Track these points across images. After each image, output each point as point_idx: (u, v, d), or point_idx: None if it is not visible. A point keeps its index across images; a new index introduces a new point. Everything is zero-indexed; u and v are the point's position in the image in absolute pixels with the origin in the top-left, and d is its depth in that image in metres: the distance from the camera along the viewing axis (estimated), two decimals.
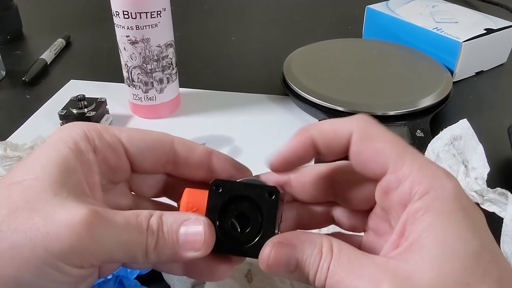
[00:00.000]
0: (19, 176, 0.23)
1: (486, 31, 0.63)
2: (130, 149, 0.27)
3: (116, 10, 0.50)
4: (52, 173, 0.23)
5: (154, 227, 0.24)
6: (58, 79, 0.67)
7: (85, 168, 0.25)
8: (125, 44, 0.51)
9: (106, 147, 0.26)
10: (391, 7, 0.73)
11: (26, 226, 0.21)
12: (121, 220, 0.23)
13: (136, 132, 0.28)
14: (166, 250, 0.24)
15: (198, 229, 0.25)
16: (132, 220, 0.23)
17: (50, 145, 0.25)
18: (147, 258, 0.24)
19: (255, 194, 0.26)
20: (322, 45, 0.67)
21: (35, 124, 0.56)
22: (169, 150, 0.28)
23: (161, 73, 0.53)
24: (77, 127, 0.26)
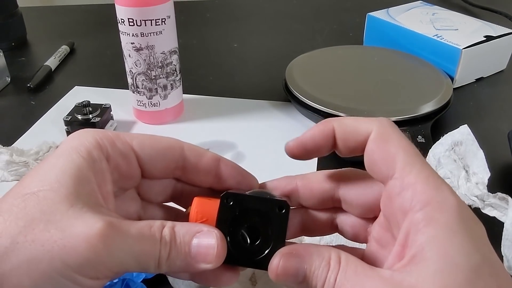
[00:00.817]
0: (33, 186, 0.23)
1: (486, 38, 0.63)
2: (142, 155, 0.27)
3: (122, 18, 0.50)
4: (67, 184, 0.23)
5: (167, 238, 0.24)
6: (63, 85, 0.67)
7: (99, 177, 0.25)
8: (130, 51, 0.52)
9: (118, 154, 0.26)
10: (391, 14, 0.73)
11: (43, 238, 0.22)
12: (135, 232, 0.23)
13: (147, 138, 0.28)
14: (178, 261, 0.24)
15: (210, 242, 0.25)
16: (145, 231, 0.24)
17: (64, 154, 0.25)
18: (159, 268, 0.24)
19: (265, 208, 0.27)
20: (324, 52, 0.67)
21: (40, 130, 0.57)
22: (178, 156, 0.28)
23: (165, 79, 0.54)
24: (90, 135, 0.26)
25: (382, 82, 0.60)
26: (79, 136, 0.26)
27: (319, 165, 0.50)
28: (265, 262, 0.26)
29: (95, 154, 0.25)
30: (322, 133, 0.27)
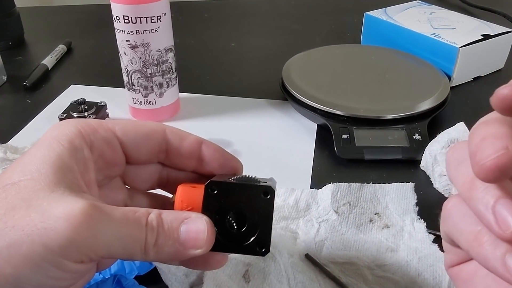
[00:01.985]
0: (15, 177, 0.23)
1: (483, 37, 0.63)
2: (125, 141, 0.27)
3: (117, 15, 0.50)
4: (47, 173, 0.23)
5: (153, 224, 0.24)
6: (59, 84, 0.67)
7: (81, 166, 0.25)
8: (125, 49, 0.52)
9: (101, 142, 0.26)
10: (389, 13, 0.73)
11: (23, 223, 0.21)
12: (120, 215, 0.23)
13: (129, 124, 0.28)
14: (166, 248, 0.24)
15: (200, 227, 0.25)
16: (130, 215, 0.24)
17: (44, 144, 0.25)
18: (146, 255, 0.24)
19: (250, 194, 0.27)
20: (321, 50, 0.67)
21: (36, 128, 0.57)
22: (161, 140, 0.28)
23: (161, 77, 0.54)
24: (71, 124, 0.26)
25: (379, 81, 0.59)
26: (60, 126, 0.26)
27: (315, 161, 0.49)
28: (253, 247, 0.26)
29: (76, 142, 0.25)
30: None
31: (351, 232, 0.38)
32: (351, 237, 0.38)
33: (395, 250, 0.36)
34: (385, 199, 0.41)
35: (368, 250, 0.37)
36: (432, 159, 0.44)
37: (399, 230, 0.38)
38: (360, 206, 0.40)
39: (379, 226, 0.39)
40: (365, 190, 0.42)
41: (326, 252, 0.37)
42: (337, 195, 0.41)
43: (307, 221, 0.39)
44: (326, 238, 0.38)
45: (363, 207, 0.40)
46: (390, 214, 0.40)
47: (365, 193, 0.41)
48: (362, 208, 0.40)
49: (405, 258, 0.36)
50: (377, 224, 0.39)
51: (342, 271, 0.35)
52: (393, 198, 0.41)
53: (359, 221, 0.39)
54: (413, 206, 0.40)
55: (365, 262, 0.36)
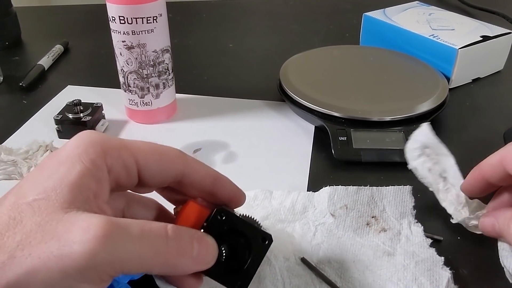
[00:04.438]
0: (30, 195, 0.23)
1: (482, 38, 0.63)
2: (143, 169, 0.27)
3: (112, 15, 0.50)
4: (63, 192, 0.23)
5: (173, 236, 0.24)
6: (55, 84, 0.67)
7: (97, 187, 0.25)
8: (121, 49, 0.51)
9: (121, 167, 0.26)
10: (388, 14, 0.73)
11: (39, 250, 0.21)
12: (137, 230, 0.23)
13: (151, 152, 0.27)
14: (183, 261, 0.25)
15: (210, 244, 0.26)
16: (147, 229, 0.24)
17: (66, 161, 0.24)
18: (165, 268, 0.24)
19: (251, 234, 0.28)
20: (319, 51, 0.67)
21: (31, 129, 0.56)
22: (178, 172, 0.28)
23: (157, 78, 0.54)
24: (96, 142, 0.25)
25: (378, 82, 0.59)
26: (85, 143, 0.25)
27: (312, 163, 0.49)
28: (232, 283, 0.28)
29: (98, 164, 0.25)
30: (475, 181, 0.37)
31: (347, 235, 0.38)
32: (348, 240, 0.37)
33: (392, 254, 0.36)
34: (382, 202, 0.40)
35: (365, 254, 0.36)
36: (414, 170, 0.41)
37: (396, 233, 0.38)
38: (357, 209, 0.40)
39: (376, 230, 0.38)
40: (362, 193, 0.41)
41: (322, 255, 0.37)
42: (334, 198, 0.40)
43: (303, 224, 0.39)
44: (322, 242, 0.37)
45: (360, 210, 0.40)
46: (387, 217, 0.39)
47: (362, 196, 0.41)
48: (359, 211, 0.40)
49: (402, 262, 0.35)
50: (374, 227, 0.38)
51: (339, 275, 0.35)
52: (390, 201, 0.40)
53: (356, 225, 0.39)
54: (410, 210, 0.40)
55: (362, 265, 0.36)
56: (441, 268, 0.35)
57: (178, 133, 0.55)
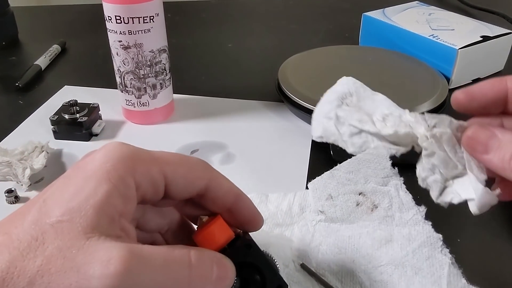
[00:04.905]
0: (53, 214, 0.22)
1: (482, 39, 0.62)
2: (171, 184, 0.26)
3: (109, 15, 0.49)
4: (88, 215, 0.22)
5: (196, 263, 0.24)
6: (52, 85, 0.66)
7: (124, 206, 0.24)
8: (118, 49, 0.51)
9: (149, 183, 0.25)
10: (387, 14, 0.72)
11: (58, 281, 0.21)
12: (160, 260, 0.23)
13: (180, 165, 0.27)
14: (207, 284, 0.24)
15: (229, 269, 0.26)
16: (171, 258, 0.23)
17: (93, 177, 0.23)
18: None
19: (270, 277, 0.28)
20: (318, 51, 0.66)
21: (27, 129, 0.56)
22: (204, 186, 0.28)
23: (154, 78, 0.53)
24: (127, 158, 0.25)
25: (377, 83, 0.58)
26: (114, 158, 0.24)
27: (310, 164, 0.48)
28: None
29: (127, 182, 0.24)
30: (494, 87, 0.27)
31: (344, 227, 0.37)
32: (345, 232, 0.36)
33: (389, 240, 0.35)
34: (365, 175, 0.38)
35: (363, 246, 0.35)
36: (333, 119, 0.35)
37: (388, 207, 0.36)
38: (342, 193, 0.38)
39: (368, 208, 0.37)
40: (337, 175, 0.39)
41: (321, 258, 0.36)
42: (317, 192, 0.39)
43: (302, 226, 0.38)
44: (321, 243, 0.36)
45: (345, 192, 0.38)
46: (373, 188, 0.37)
47: (339, 178, 0.38)
48: (345, 194, 0.38)
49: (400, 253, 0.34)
50: (365, 205, 0.37)
51: (339, 280, 0.35)
52: (368, 168, 0.38)
53: (346, 210, 0.37)
54: (390, 169, 0.37)
55: (361, 265, 0.35)
56: (440, 252, 0.33)
57: (175, 134, 0.54)
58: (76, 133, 0.52)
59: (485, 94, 0.26)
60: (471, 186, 0.27)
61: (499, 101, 0.27)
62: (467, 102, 0.27)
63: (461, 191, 0.28)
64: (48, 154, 0.49)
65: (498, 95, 0.26)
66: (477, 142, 0.26)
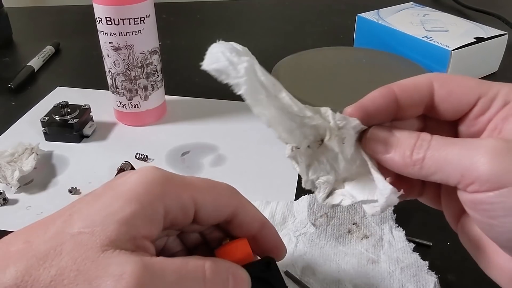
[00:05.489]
0: (76, 226, 0.23)
1: (476, 40, 0.62)
2: (200, 209, 0.26)
3: (99, 16, 0.49)
4: (109, 229, 0.22)
5: (211, 275, 0.24)
6: (45, 86, 0.66)
7: (148, 228, 0.24)
8: (108, 51, 0.51)
9: (179, 208, 0.25)
10: (382, 15, 0.72)
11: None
12: (174, 275, 0.22)
13: (210, 191, 0.27)
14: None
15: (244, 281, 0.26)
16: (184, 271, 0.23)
17: (123, 196, 0.24)
18: None
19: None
20: (311, 53, 0.66)
21: (18, 131, 0.56)
22: (230, 214, 0.28)
23: (145, 80, 0.53)
24: (159, 183, 0.25)
25: (370, 84, 0.58)
26: (147, 182, 0.24)
27: None
28: None
29: (156, 206, 0.24)
30: (382, 95, 0.27)
31: (330, 244, 0.37)
32: (331, 250, 0.37)
33: (376, 262, 0.35)
34: (362, 208, 0.39)
35: (349, 262, 0.35)
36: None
37: (379, 239, 0.37)
38: (337, 217, 0.39)
39: (358, 237, 0.37)
40: None
41: (306, 267, 0.36)
42: (314, 207, 0.40)
43: (284, 235, 0.38)
44: (305, 253, 0.36)
45: (340, 218, 0.39)
46: (368, 223, 0.38)
47: None
48: (340, 219, 0.39)
49: (387, 269, 0.35)
50: (356, 234, 0.38)
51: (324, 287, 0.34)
52: None
53: (337, 233, 0.38)
54: (390, 214, 0.39)
55: (347, 275, 0.35)
56: (426, 273, 0.34)
57: (167, 135, 0.54)
58: (67, 135, 0.52)
59: (377, 104, 0.27)
60: (378, 187, 0.26)
61: (390, 109, 0.27)
62: (361, 116, 0.27)
63: (356, 193, 0.28)
64: (38, 156, 0.49)
65: (388, 104, 0.27)
66: (377, 143, 0.27)
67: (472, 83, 0.26)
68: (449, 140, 0.24)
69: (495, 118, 0.25)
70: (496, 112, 0.25)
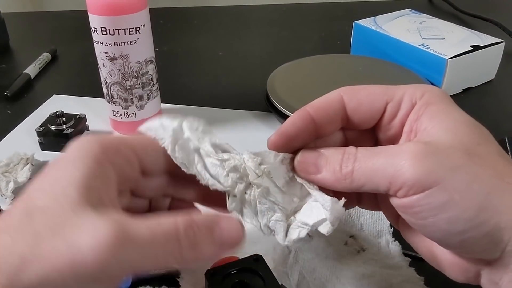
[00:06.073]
0: (39, 201, 0.23)
1: (472, 48, 0.62)
2: (144, 159, 0.28)
3: (94, 27, 0.49)
4: (72, 194, 0.23)
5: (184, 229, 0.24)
6: (41, 94, 0.66)
7: (105, 184, 0.25)
8: (104, 61, 0.51)
9: (122, 161, 0.26)
10: (378, 23, 0.72)
11: (50, 254, 0.21)
12: (147, 234, 0.23)
13: (148, 142, 0.28)
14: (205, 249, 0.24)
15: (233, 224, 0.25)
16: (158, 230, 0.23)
17: (69, 164, 0.25)
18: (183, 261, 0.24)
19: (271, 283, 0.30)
20: (307, 61, 0.66)
21: (14, 140, 0.56)
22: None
23: (141, 89, 0.53)
24: (95, 142, 0.26)
25: None
26: (84, 144, 0.26)
27: None
28: None
29: (101, 162, 0.25)
30: (300, 118, 0.28)
31: (326, 257, 0.37)
32: (327, 262, 0.36)
33: (372, 275, 0.35)
34: (359, 221, 0.39)
35: (345, 275, 0.35)
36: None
37: (375, 253, 0.37)
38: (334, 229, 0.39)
39: (355, 249, 0.37)
40: None
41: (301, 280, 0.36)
42: None
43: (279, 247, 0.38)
44: (301, 265, 0.36)
45: (337, 229, 0.38)
46: (365, 236, 0.38)
47: None
48: (337, 231, 0.38)
49: (383, 283, 0.34)
50: (352, 247, 0.37)
51: None
52: (367, 219, 0.39)
53: (334, 245, 0.38)
54: (387, 227, 0.39)
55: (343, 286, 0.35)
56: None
57: None
58: (63, 145, 0.52)
59: (296, 127, 0.28)
60: (319, 204, 0.27)
61: (309, 130, 0.28)
62: (284, 141, 0.29)
63: (306, 218, 0.27)
64: (33, 167, 0.49)
65: (307, 125, 0.28)
66: (307, 165, 0.28)
67: (379, 90, 0.28)
68: (373, 150, 0.25)
69: (408, 120, 0.27)
70: (407, 114, 0.27)
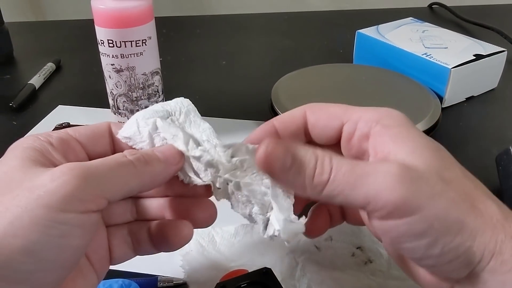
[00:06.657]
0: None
1: (475, 57, 0.62)
2: (80, 139, 0.29)
3: (101, 39, 0.49)
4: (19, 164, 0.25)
5: (132, 156, 0.27)
6: (46, 104, 0.66)
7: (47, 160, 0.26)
8: (110, 72, 0.51)
9: (60, 142, 0.28)
10: (381, 32, 0.73)
11: (15, 202, 0.22)
12: (101, 164, 0.25)
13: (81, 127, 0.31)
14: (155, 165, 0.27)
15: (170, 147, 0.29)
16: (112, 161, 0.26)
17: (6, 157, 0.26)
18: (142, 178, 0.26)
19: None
20: (311, 70, 0.66)
21: None
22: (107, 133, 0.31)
23: (146, 100, 0.53)
24: (26, 138, 0.27)
25: (370, 102, 0.58)
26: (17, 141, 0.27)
27: None
28: None
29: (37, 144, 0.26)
30: (264, 130, 0.30)
31: (333, 268, 0.37)
32: (334, 273, 0.37)
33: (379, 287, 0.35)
34: (367, 231, 0.39)
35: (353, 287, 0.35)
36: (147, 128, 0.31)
37: (382, 264, 0.37)
38: (342, 240, 0.39)
39: (362, 261, 0.37)
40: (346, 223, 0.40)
41: None
42: None
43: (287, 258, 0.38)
44: (309, 277, 0.36)
45: (345, 241, 0.39)
46: (372, 247, 0.38)
47: (346, 226, 0.40)
48: (344, 242, 0.39)
49: None
50: (360, 258, 0.38)
51: None
52: None
53: (341, 256, 0.38)
54: None
55: None
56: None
57: None
58: None
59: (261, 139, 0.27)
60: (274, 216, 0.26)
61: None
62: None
63: (274, 221, 0.26)
64: None
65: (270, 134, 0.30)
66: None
67: (338, 109, 0.29)
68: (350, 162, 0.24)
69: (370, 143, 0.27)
70: (364, 135, 0.27)
